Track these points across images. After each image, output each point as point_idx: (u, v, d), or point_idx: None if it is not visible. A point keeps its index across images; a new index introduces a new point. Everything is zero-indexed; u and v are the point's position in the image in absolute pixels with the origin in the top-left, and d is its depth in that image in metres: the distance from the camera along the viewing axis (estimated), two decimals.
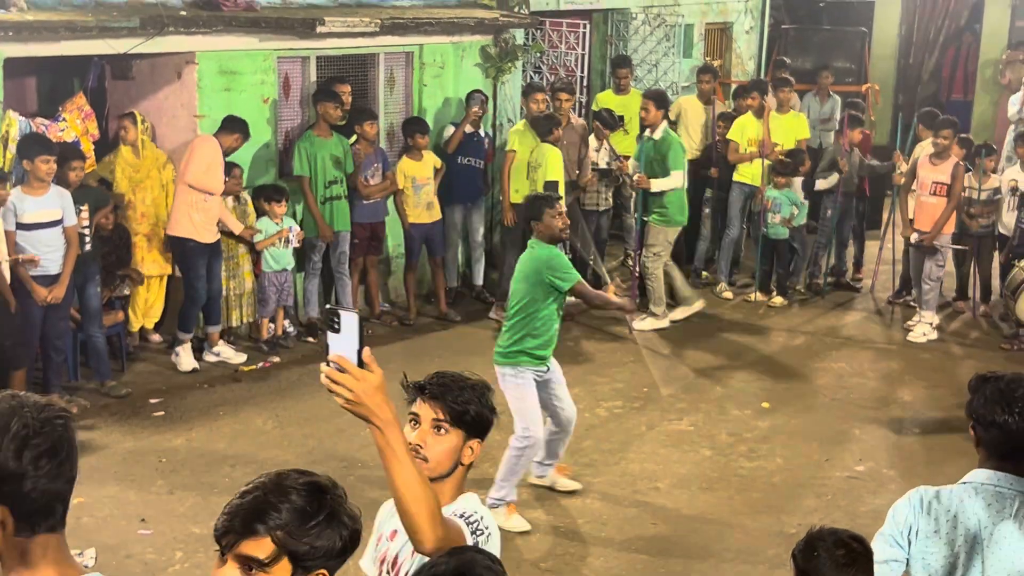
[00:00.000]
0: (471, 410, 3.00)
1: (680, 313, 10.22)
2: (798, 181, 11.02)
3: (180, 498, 6.72)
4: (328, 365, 2.48)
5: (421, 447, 2.95)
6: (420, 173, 9.83)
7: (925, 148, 10.46)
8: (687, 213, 10.21)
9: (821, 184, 11.03)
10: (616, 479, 7.18)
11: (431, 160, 9.96)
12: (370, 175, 9.53)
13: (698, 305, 10.34)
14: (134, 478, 6.96)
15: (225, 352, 8.87)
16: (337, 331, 2.47)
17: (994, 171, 10.56)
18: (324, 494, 2.25)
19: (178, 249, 8.59)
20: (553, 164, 9.64)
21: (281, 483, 2.25)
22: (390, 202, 9.88)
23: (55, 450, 2.14)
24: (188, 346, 8.69)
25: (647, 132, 9.94)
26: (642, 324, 9.86)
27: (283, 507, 2.20)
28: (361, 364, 2.47)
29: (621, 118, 11.01)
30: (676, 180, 9.85)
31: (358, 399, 2.46)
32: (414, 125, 9.89)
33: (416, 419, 3.02)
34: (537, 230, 6.53)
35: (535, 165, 9.70)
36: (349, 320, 2.46)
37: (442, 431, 2.97)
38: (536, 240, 6.54)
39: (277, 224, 8.98)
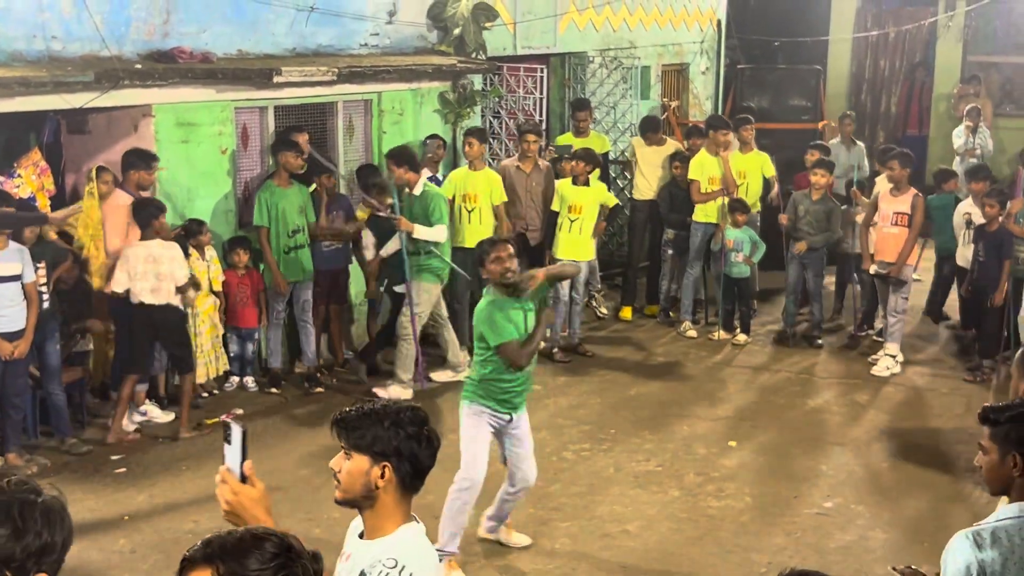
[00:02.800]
0: (367, 434, 3.17)
1: (444, 375, 9.60)
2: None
3: (143, 556, 6.61)
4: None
5: (337, 472, 3.22)
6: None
7: (884, 183, 10.57)
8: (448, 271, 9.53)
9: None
10: (585, 522, 7.13)
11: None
12: (329, 222, 9.50)
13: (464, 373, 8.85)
14: (96, 537, 6.82)
15: (151, 412, 8.64)
16: (230, 443, 2.70)
17: None
18: (288, 553, 2.26)
19: (118, 307, 8.36)
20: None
21: (256, 532, 2.29)
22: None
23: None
24: (147, 402, 8.54)
25: (407, 190, 9.22)
26: (386, 391, 9.00)
27: (249, 554, 2.22)
28: (244, 477, 2.70)
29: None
30: (440, 233, 9.19)
31: (233, 510, 2.70)
32: (368, 173, 9.84)
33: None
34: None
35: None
36: (237, 434, 2.70)
37: (349, 456, 3.20)
38: (488, 286, 6.49)
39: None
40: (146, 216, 8.14)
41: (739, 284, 10.89)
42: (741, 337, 10.93)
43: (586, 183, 10.32)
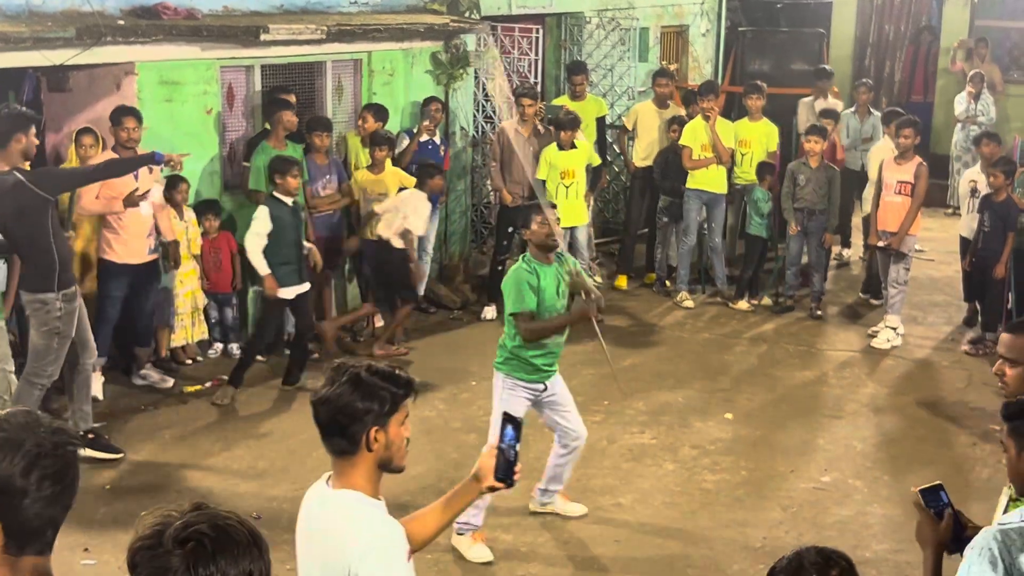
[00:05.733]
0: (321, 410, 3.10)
1: None
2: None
3: (124, 526, 6.43)
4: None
5: None
6: (374, 188, 9.50)
7: (882, 150, 10.36)
8: None
9: None
10: (577, 496, 6.98)
11: (394, 177, 9.57)
12: (321, 187, 9.25)
13: None
14: (76, 506, 6.41)
15: (152, 375, 8.52)
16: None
17: None
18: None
19: (100, 268, 8.23)
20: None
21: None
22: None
23: (61, 475, 2.25)
24: (98, 372, 8.21)
25: None
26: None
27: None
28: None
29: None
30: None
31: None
32: (373, 139, 9.55)
33: None
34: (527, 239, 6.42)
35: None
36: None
37: None
38: (526, 253, 6.38)
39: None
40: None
41: (759, 244, 10.75)
42: (742, 304, 10.76)
43: (572, 146, 10.11)
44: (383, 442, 3.05)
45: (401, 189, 9.54)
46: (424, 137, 10.03)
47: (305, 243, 8.47)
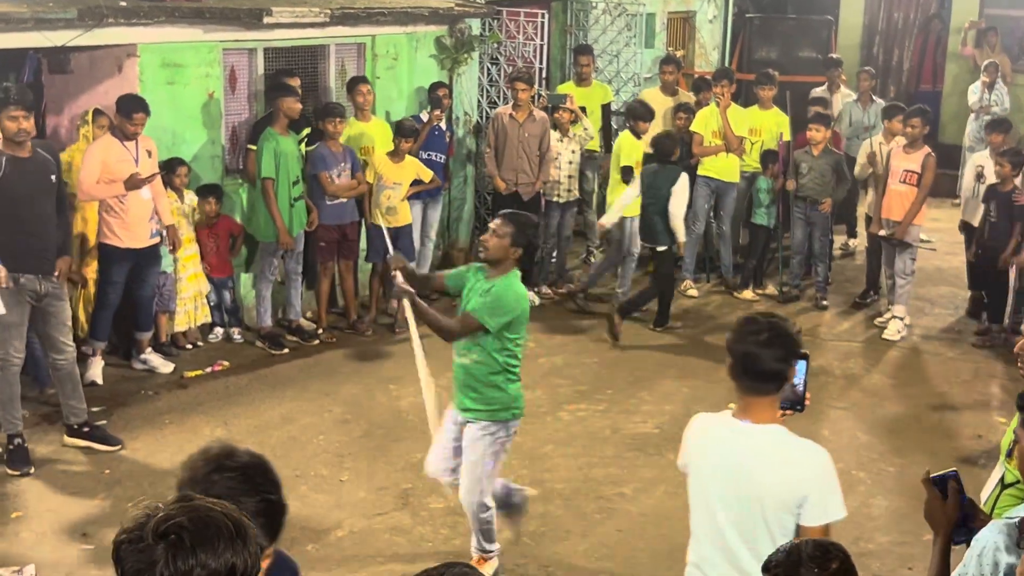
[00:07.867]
0: None
1: None
2: None
3: (123, 511, 6.42)
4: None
5: None
6: (391, 175, 9.38)
7: (871, 146, 10.32)
8: None
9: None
10: (579, 485, 6.96)
11: (412, 168, 9.48)
12: (336, 175, 9.15)
13: None
14: (75, 490, 6.67)
15: (153, 360, 8.46)
16: None
17: None
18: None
19: (100, 253, 8.16)
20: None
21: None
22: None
23: None
24: (99, 357, 8.22)
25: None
26: None
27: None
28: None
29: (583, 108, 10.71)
30: None
31: None
32: (399, 129, 9.42)
33: None
34: None
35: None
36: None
37: None
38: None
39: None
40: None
41: (763, 233, 10.71)
42: (747, 293, 10.72)
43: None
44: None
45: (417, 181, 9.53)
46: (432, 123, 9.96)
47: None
